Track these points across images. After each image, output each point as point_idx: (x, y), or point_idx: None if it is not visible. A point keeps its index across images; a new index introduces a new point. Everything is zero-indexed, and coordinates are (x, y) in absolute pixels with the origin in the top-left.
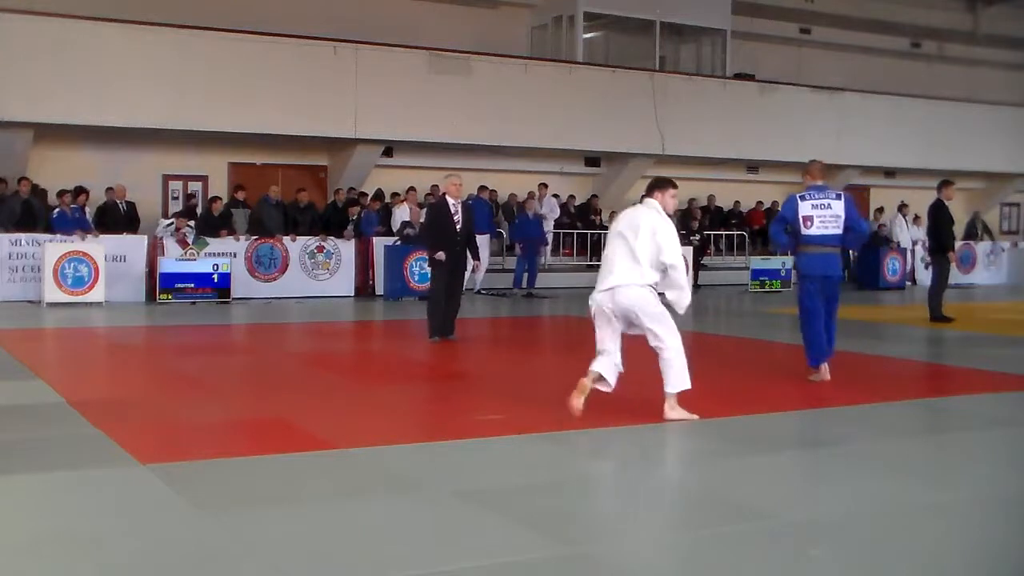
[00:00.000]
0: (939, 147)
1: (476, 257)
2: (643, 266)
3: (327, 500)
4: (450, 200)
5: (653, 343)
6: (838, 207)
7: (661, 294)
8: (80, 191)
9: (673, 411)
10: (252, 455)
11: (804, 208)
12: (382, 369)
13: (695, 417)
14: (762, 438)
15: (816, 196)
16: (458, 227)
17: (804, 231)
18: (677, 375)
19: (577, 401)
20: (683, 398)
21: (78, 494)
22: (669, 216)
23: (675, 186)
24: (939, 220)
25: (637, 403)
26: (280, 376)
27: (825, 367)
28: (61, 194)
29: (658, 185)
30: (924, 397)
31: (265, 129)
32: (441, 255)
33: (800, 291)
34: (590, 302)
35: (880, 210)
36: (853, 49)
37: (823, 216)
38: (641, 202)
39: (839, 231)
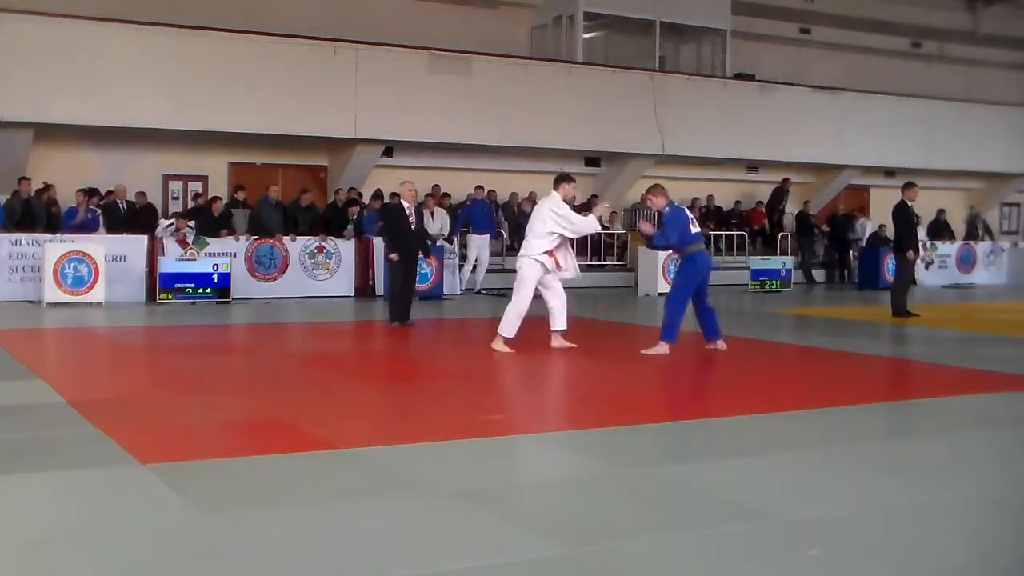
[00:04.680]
0: (939, 147)
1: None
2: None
3: (327, 500)
4: (405, 204)
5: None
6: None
7: None
8: (93, 192)
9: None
10: (252, 455)
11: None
12: (382, 369)
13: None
14: (762, 438)
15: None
16: (412, 228)
17: (694, 231)
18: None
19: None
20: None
21: (78, 494)
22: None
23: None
24: (900, 220)
25: (637, 403)
26: (280, 376)
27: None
28: (87, 192)
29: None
30: (923, 397)
31: (265, 129)
32: (394, 256)
33: (688, 279)
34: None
35: (860, 210)
36: (853, 49)
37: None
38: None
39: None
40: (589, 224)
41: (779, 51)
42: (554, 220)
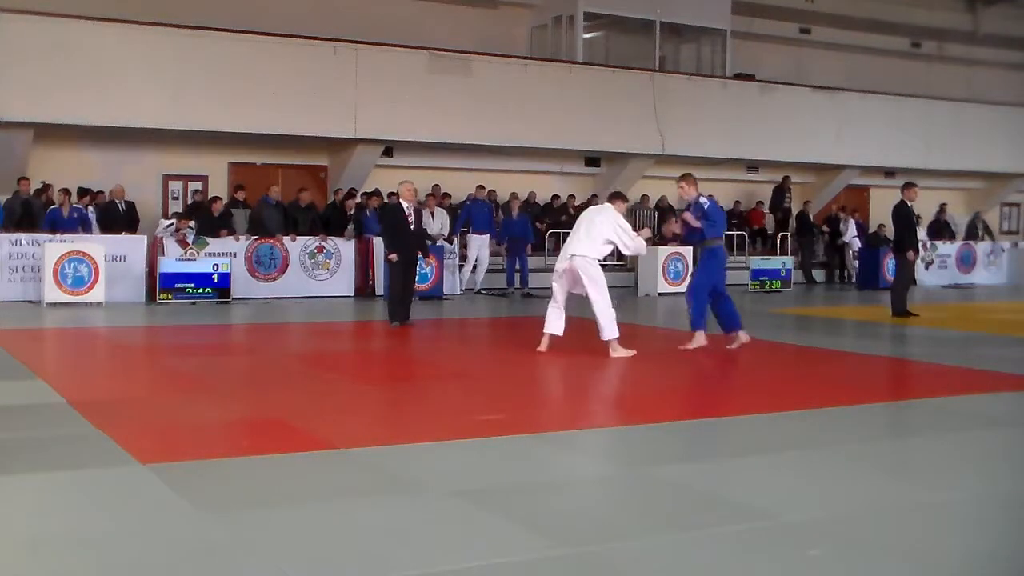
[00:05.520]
0: (939, 147)
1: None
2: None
3: (327, 500)
4: (404, 204)
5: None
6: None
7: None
8: (84, 192)
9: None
10: (252, 455)
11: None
12: (382, 369)
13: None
14: (763, 438)
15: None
16: (411, 228)
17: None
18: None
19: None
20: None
21: (78, 494)
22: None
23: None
24: (900, 220)
25: (637, 403)
26: (280, 376)
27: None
28: (68, 193)
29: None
30: (924, 397)
31: (265, 129)
32: (394, 257)
33: (713, 272)
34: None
35: (843, 209)
36: (853, 49)
37: None
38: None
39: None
40: (641, 245)
41: (779, 51)
42: (616, 232)
